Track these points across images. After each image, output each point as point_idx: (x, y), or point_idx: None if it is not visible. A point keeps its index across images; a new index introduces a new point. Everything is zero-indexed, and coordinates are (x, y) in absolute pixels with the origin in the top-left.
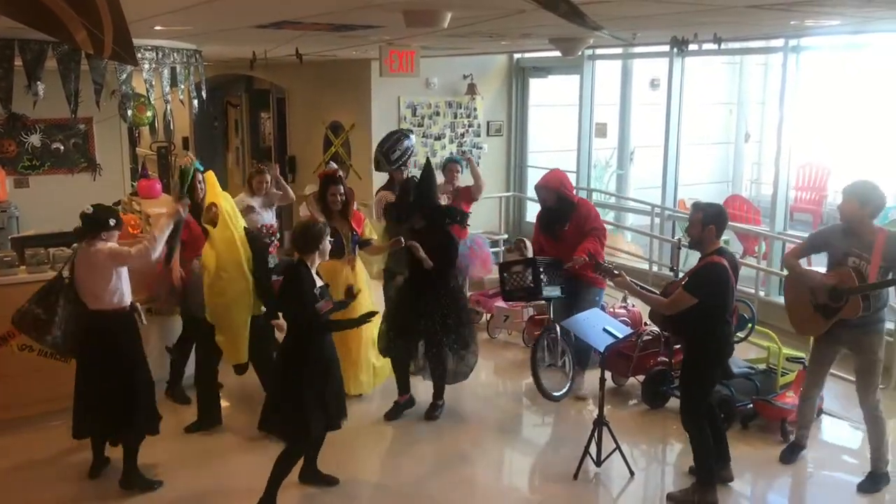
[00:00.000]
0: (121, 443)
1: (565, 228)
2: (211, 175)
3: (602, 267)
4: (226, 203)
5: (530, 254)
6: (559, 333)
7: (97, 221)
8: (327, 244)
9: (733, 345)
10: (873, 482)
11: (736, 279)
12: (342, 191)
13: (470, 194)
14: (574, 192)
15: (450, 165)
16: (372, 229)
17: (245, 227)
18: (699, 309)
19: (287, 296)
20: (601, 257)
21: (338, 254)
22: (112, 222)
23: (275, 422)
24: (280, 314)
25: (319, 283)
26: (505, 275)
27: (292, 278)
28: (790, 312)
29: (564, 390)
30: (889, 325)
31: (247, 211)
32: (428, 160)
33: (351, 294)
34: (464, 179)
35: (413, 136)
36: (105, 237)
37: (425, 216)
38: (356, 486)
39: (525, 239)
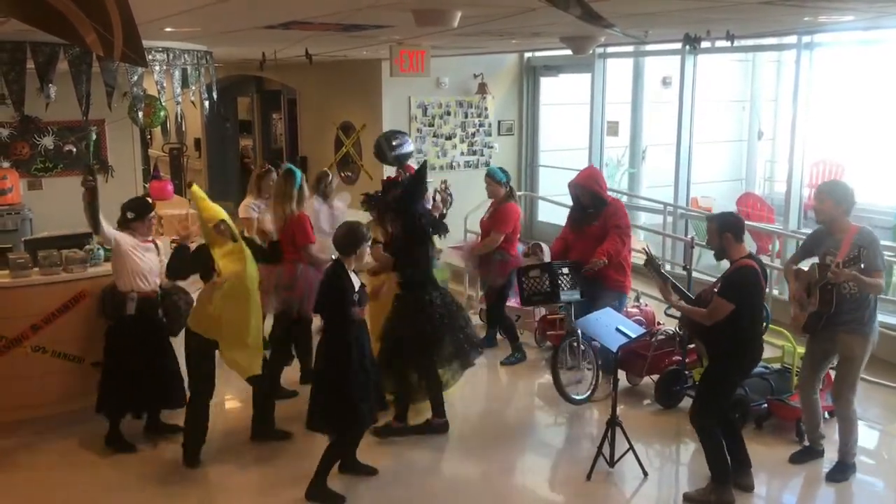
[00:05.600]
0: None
1: (593, 225)
2: (196, 189)
3: (654, 264)
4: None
5: (546, 258)
6: (581, 337)
7: None
8: (366, 249)
9: (762, 350)
10: (842, 471)
11: (765, 284)
12: None
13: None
14: (607, 190)
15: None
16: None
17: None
18: (735, 312)
19: (325, 295)
20: (621, 257)
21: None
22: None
23: (322, 419)
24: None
25: (357, 285)
26: (523, 280)
27: (331, 278)
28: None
29: (587, 394)
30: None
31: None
32: (424, 163)
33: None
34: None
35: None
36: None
37: (403, 222)
38: (369, 484)
39: (541, 243)
